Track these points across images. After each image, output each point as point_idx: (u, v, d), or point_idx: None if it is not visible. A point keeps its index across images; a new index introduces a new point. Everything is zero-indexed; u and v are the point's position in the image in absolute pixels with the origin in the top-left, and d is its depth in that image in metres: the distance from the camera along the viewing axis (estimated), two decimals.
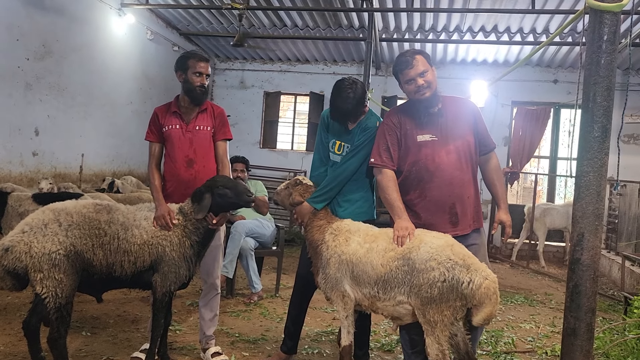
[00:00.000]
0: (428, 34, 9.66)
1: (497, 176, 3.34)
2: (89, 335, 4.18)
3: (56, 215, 3.15)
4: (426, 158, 3.15)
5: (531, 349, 4.55)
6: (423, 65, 3.09)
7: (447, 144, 3.16)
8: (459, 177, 3.14)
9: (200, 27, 10.33)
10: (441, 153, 3.14)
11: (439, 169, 3.13)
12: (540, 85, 10.67)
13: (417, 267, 2.80)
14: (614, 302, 6.55)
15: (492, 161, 3.34)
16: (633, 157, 9.93)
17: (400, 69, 3.14)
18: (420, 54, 3.14)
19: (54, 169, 7.30)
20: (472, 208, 3.20)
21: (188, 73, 3.62)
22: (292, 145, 12.08)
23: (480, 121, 3.29)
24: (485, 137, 3.30)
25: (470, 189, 3.19)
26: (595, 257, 2.68)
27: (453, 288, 2.72)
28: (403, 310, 2.92)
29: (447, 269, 2.74)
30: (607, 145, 2.67)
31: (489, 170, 3.34)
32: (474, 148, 3.23)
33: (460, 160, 3.16)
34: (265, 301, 5.63)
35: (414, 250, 2.86)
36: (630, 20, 6.06)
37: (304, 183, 3.52)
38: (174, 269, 3.34)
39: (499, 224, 3.23)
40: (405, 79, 3.13)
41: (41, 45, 6.93)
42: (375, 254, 2.95)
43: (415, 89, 3.10)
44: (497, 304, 2.73)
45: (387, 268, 2.89)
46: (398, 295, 2.87)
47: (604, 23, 2.60)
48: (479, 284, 2.69)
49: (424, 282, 2.76)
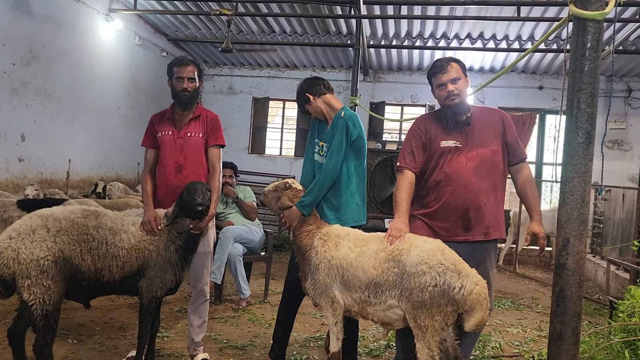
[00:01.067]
0: (415, 40, 9.75)
1: (530, 187, 3.27)
2: (75, 343, 4.13)
3: (44, 221, 3.13)
4: (446, 163, 3.20)
5: (518, 353, 4.57)
6: (456, 73, 3.14)
7: (470, 151, 3.18)
8: (476, 184, 3.15)
9: (188, 33, 10.32)
10: (461, 159, 3.18)
11: (456, 174, 3.16)
12: (526, 92, 10.80)
13: (407, 270, 2.81)
14: (599, 306, 6.61)
15: (524, 172, 3.30)
16: (617, 163, 10.09)
17: (434, 72, 3.19)
18: (456, 62, 3.18)
19: (40, 174, 7.24)
20: (491, 216, 3.19)
21: (173, 79, 3.67)
22: (281, 151, 12.09)
23: (511, 132, 3.26)
24: (515, 147, 3.27)
25: (488, 197, 3.18)
26: (581, 261, 2.71)
27: (444, 293, 2.72)
28: (393, 315, 2.92)
29: (439, 273, 2.74)
30: (591, 151, 2.70)
31: (520, 181, 3.30)
32: (499, 157, 3.23)
33: (480, 167, 3.17)
34: (253, 307, 5.61)
35: (405, 252, 2.86)
36: (613, 28, 6.15)
37: (293, 187, 3.49)
38: (160, 273, 3.34)
39: (531, 235, 3.19)
40: (437, 83, 3.18)
41: (27, 50, 6.88)
42: (367, 257, 2.96)
43: (446, 94, 3.15)
44: (488, 310, 2.75)
45: (379, 270, 2.89)
46: (389, 299, 2.88)
47: (588, 31, 2.64)
48: (470, 289, 2.70)
49: (415, 286, 2.76)
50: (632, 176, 9.65)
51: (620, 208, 7.91)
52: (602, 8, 2.59)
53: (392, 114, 11.88)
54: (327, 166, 3.51)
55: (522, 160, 3.31)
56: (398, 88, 11.39)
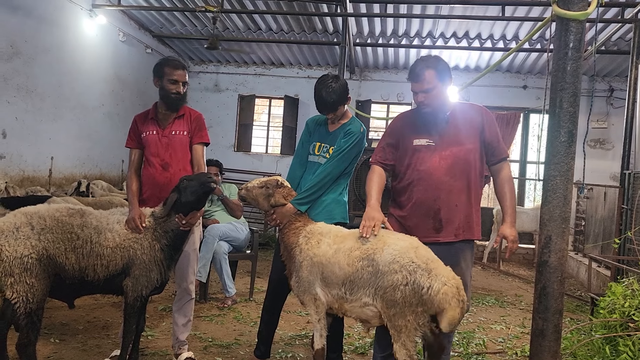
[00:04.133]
0: (401, 39, 9.78)
1: (509, 188, 3.21)
2: (58, 342, 4.09)
3: (29, 219, 3.10)
4: (418, 162, 3.16)
5: (502, 350, 4.62)
6: (429, 83, 3.05)
7: (443, 150, 3.14)
8: (448, 183, 3.11)
9: (173, 30, 10.24)
10: (434, 158, 3.13)
11: (428, 173, 3.13)
12: (510, 91, 10.90)
13: (380, 269, 2.81)
14: (581, 302, 6.71)
15: (503, 172, 3.23)
16: (599, 161, 10.22)
17: (409, 78, 3.17)
18: (433, 70, 3.06)
19: (22, 172, 7.13)
20: (462, 216, 3.14)
21: (164, 80, 3.63)
22: (267, 149, 12.06)
23: (491, 130, 3.18)
24: (495, 146, 3.19)
25: (461, 197, 3.13)
26: (562, 259, 2.74)
27: (415, 292, 2.71)
28: (370, 313, 2.92)
29: (410, 272, 2.73)
30: (573, 149, 2.73)
31: (499, 181, 3.24)
32: (476, 156, 3.17)
33: (454, 167, 3.12)
34: (239, 305, 5.60)
35: (378, 251, 2.85)
36: (595, 28, 6.24)
37: (285, 185, 3.48)
38: (145, 272, 3.33)
39: (501, 237, 3.17)
40: (411, 89, 3.17)
41: (9, 46, 6.77)
42: (342, 254, 2.96)
43: (418, 102, 3.15)
44: (460, 308, 2.70)
45: (353, 267, 2.89)
46: (364, 297, 2.88)
47: (570, 31, 2.67)
48: (437, 289, 2.67)
49: (387, 285, 2.76)
50: (614, 175, 9.78)
51: (602, 206, 8.03)
52: (585, 8, 2.62)
53: (378, 112, 11.92)
54: (331, 169, 3.54)
55: (502, 160, 3.22)
56: (384, 86, 11.43)
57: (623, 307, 3.59)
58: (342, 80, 3.60)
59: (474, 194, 3.19)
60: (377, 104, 11.77)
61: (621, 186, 7.12)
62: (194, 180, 3.42)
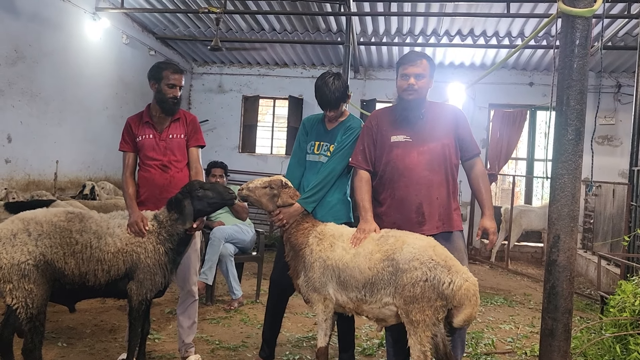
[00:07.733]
0: (406, 37, 9.74)
1: (483, 182, 3.33)
2: (65, 346, 4.09)
3: (25, 225, 3.10)
4: (397, 158, 3.23)
5: (511, 350, 4.59)
6: (423, 70, 3.17)
7: (420, 146, 3.22)
8: (428, 178, 3.19)
9: (177, 31, 10.23)
10: (412, 154, 3.21)
11: (408, 169, 3.20)
12: (517, 88, 10.82)
13: (400, 267, 2.86)
14: (590, 301, 6.65)
15: (477, 167, 3.35)
16: (607, 158, 10.13)
17: (403, 61, 3.22)
18: (427, 60, 3.20)
19: (27, 176, 7.15)
20: (442, 209, 3.23)
21: (161, 84, 3.63)
22: (272, 150, 12.03)
23: (464, 127, 3.31)
24: (468, 142, 3.32)
25: (440, 191, 3.22)
26: (571, 258, 2.71)
27: (434, 288, 2.77)
28: (388, 312, 2.96)
29: (429, 268, 2.79)
30: (580, 147, 2.70)
31: (473, 176, 3.36)
32: (451, 151, 3.27)
33: (432, 162, 3.21)
34: (245, 307, 5.59)
35: (398, 251, 2.91)
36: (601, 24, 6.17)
37: (289, 185, 3.46)
38: (150, 276, 3.32)
39: (482, 230, 3.24)
40: (402, 72, 3.20)
41: (13, 50, 6.79)
42: (362, 258, 2.99)
43: (406, 86, 3.16)
44: (477, 306, 2.78)
45: (375, 270, 2.93)
46: (384, 297, 2.92)
47: (576, 28, 2.64)
48: (459, 285, 2.75)
49: (407, 282, 2.82)
50: (622, 171, 9.68)
51: (611, 203, 7.96)
52: (590, 5, 2.59)
53: None
54: (335, 166, 3.54)
55: (475, 156, 3.35)
56: (389, 85, 11.35)
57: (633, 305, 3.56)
58: (343, 77, 3.63)
59: (451, 187, 3.30)
60: (382, 103, 11.70)
61: (630, 183, 7.05)
62: (212, 191, 3.43)
